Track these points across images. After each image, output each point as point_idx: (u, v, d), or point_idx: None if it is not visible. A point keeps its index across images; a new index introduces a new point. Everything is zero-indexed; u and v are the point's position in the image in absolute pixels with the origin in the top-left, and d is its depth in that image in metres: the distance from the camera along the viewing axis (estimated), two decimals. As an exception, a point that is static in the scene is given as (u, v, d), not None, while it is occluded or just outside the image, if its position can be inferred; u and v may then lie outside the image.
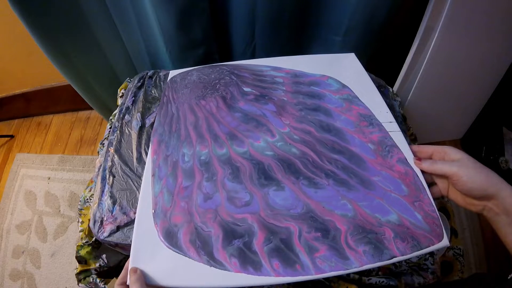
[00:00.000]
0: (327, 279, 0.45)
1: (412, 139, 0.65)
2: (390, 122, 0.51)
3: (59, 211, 1.04)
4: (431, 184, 0.43)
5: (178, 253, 0.40)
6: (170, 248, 0.40)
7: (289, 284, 0.45)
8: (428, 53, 0.68)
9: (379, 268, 0.48)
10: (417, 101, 0.82)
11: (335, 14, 0.66)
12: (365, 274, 0.47)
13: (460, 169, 0.36)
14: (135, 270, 0.38)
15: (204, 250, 0.40)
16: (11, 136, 1.27)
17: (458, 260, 0.60)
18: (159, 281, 0.38)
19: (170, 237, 0.41)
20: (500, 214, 0.34)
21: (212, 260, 0.39)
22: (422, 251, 0.36)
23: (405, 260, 0.49)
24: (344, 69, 0.61)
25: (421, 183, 0.42)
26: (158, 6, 0.63)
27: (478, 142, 0.98)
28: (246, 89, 0.59)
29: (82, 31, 0.76)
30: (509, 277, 0.30)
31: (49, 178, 1.11)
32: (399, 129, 0.49)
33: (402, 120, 0.63)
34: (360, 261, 0.36)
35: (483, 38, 0.68)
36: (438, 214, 0.39)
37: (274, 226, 0.40)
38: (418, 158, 0.43)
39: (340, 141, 0.49)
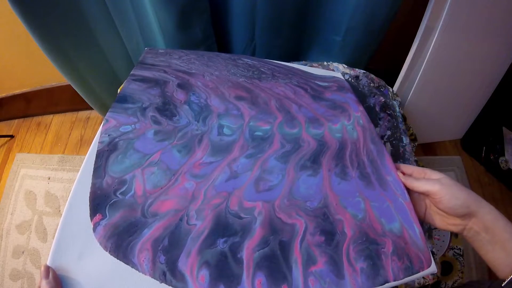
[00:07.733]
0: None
1: (412, 139, 0.65)
2: None
3: (59, 211, 1.04)
4: None
5: (121, 260, 0.31)
6: (111, 254, 0.31)
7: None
8: (428, 53, 0.68)
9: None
10: (417, 101, 0.82)
11: (335, 14, 0.66)
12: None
13: (443, 186, 0.35)
14: (46, 272, 0.30)
15: (167, 254, 0.31)
16: (11, 136, 1.26)
17: (458, 260, 0.60)
18: None
19: (124, 234, 0.32)
20: (480, 233, 0.35)
21: (170, 271, 0.30)
22: (412, 276, 0.35)
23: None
24: None
25: None
26: (158, 6, 0.63)
27: (478, 142, 0.98)
28: (320, 83, 0.61)
29: (82, 31, 0.76)
30: (503, 285, 0.31)
31: (49, 178, 1.11)
32: None
33: (402, 120, 0.63)
34: (354, 283, 0.33)
35: (483, 38, 0.68)
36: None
37: (280, 222, 0.36)
38: (402, 172, 0.42)
39: (376, 134, 0.51)
